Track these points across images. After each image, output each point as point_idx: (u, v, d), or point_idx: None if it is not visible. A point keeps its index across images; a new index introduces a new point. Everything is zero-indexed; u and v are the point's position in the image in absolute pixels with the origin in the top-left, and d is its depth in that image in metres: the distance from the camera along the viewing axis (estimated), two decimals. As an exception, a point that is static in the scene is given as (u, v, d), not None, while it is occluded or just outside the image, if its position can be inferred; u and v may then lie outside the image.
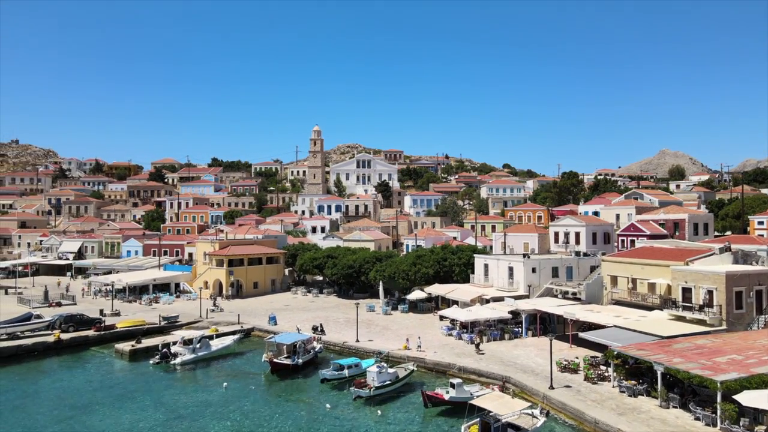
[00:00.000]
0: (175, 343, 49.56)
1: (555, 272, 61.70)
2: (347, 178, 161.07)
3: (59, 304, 72.11)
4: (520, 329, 53.42)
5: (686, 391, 33.64)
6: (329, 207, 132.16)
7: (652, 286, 49.94)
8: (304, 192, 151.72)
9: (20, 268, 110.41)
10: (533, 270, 60.82)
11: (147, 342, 52.40)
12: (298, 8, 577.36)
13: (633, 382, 35.89)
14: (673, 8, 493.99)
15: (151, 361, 47.37)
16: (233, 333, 55.55)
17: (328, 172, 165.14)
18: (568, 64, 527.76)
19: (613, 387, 37.19)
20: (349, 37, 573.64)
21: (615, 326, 43.94)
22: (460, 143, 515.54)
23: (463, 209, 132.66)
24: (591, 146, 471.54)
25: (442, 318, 59.88)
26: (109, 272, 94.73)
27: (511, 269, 62.43)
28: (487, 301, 59.31)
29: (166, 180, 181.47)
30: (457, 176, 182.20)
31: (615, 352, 37.36)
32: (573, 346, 48.28)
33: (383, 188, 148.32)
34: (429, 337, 53.33)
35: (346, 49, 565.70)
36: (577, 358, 43.03)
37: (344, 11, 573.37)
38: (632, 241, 72.14)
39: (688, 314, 43.62)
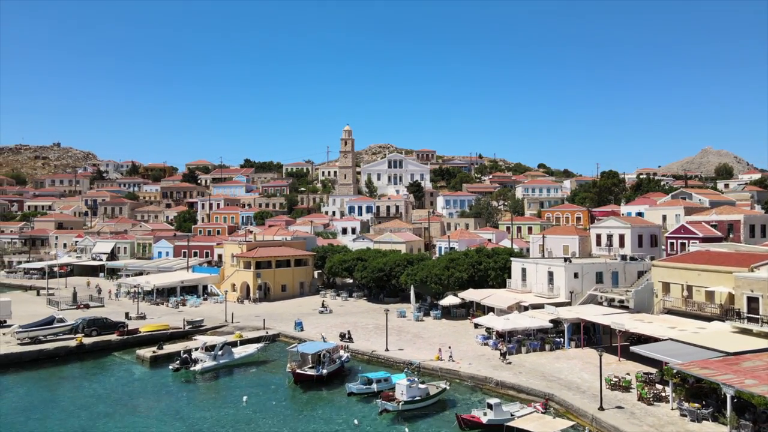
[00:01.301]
0: (196, 349, 47.55)
1: (599, 278, 57.44)
2: (378, 179, 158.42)
3: (87, 306, 71.50)
4: (561, 339, 49.54)
5: (760, 417, 29.48)
6: (360, 208, 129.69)
7: (710, 295, 45.42)
8: (335, 192, 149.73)
9: (56, 269, 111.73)
10: (575, 275, 56.74)
11: (169, 348, 50.64)
12: (332, 9, 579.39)
13: (696, 405, 31.81)
14: (709, 7, 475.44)
15: (170, 367, 45.48)
16: (257, 339, 53.36)
17: (359, 173, 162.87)
18: (603, 65, 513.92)
19: (673, 410, 33.18)
20: (382, 38, 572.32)
21: (671, 339, 39.75)
22: (494, 143, 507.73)
23: (498, 210, 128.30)
24: (628, 145, 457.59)
25: (476, 326, 56.48)
26: (140, 273, 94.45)
27: (551, 274, 58.49)
28: (525, 308, 55.53)
29: (199, 181, 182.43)
30: (491, 176, 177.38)
31: (674, 370, 33.33)
32: (621, 359, 44.20)
33: (415, 188, 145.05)
34: (463, 347, 50.02)
35: (379, 50, 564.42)
36: (628, 374, 39.01)
37: (378, 12, 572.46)
38: (682, 244, 67.11)
39: (755, 327, 39.09)
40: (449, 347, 46.88)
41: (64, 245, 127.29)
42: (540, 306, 54.81)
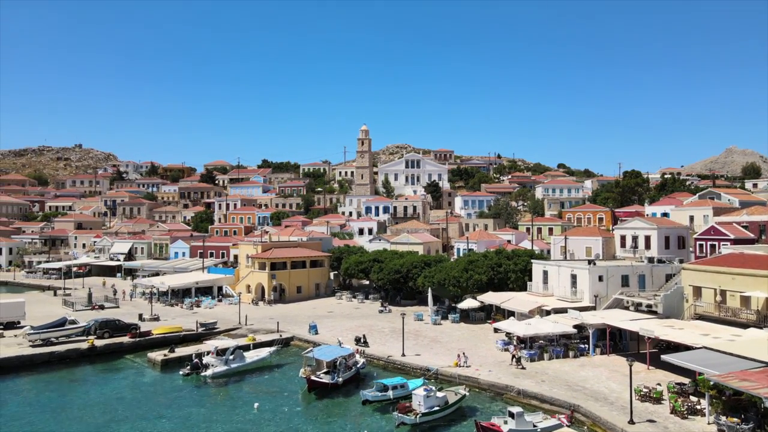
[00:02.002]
0: (207, 353, 46.42)
1: (625, 281, 55.10)
2: (395, 179, 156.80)
3: (102, 307, 71.08)
4: (586, 346, 47.36)
5: (807, 435, 27.23)
6: (377, 208, 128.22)
7: (745, 300, 42.97)
8: (352, 193, 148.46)
9: (74, 269, 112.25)
10: (600, 278, 54.46)
11: (180, 351, 49.62)
12: (351, 9, 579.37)
13: (735, 419, 29.57)
14: (731, 7, 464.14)
15: (180, 372, 44.38)
16: (270, 343, 52.07)
17: (376, 173, 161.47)
18: (623, 64, 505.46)
19: (709, 424, 30.97)
20: (400, 39, 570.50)
21: (704, 347, 37.46)
22: (513, 143, 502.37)
23: (517, 211, 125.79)
24: (650, 145, 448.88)
25: (496, 330, 54.52)
26: (156, 274, 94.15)
27: (574, 277, 56.29)
28: (548, 313, 53.45)
29: (216, 182, 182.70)
30: (510, 176, 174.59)
31: (711, 382, 31.14)
32: (651, 368, 41.94)
33: (433, 189, 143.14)
34: (482, 352, 48.16)
35: (397, 50, 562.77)
36: (659, 385, 36.78)
37: (396, 12, 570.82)
38: (712, 246, 64.39)
39: (796, 335, 36.66)
40: (464, 353, 44.85)
41: (83, 245, 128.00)
42: (563, 310, 52.68)
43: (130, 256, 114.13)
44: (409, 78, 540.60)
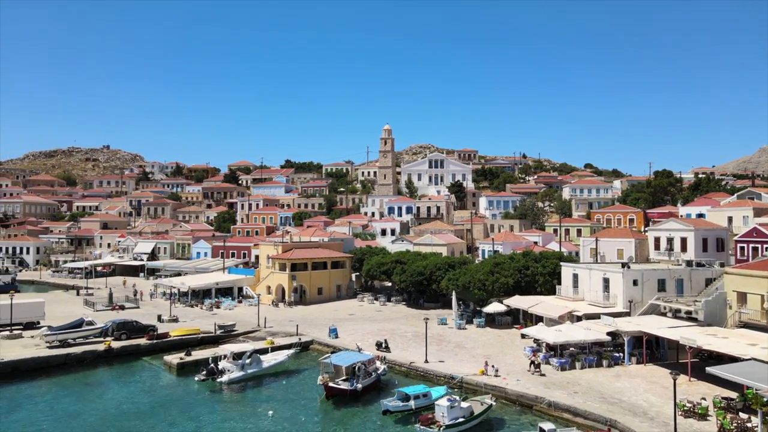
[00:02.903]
0: (222, 358, 45.04)
1: (661, 285, 52.09)
2: (419, 179, 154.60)
3: (122, 308, 70.62)
4: (620, 354, 44.65)
5: None
6: (399, 208, 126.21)
7: (797, 308, 39.78)
8: (374, 193, 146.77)
9: (99, 268, 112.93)
10: (634, 282, 51.56)
11: (197, 354, 48.38)
12: (373, 9, 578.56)
13: (793, 441, 26.84)
14: (761, 5, 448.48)
15: (196, 378, 43.05)
16: (289, 347, 50.50)
17: (399, 173, 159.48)
18: (652, 66, 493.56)
19: (763, 445, 28.28)
20: (423, 39, 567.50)
21: (753, 359, 34.57)
22: (538, 143, 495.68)
23: (544, 211, 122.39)
24: (679, 145, 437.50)
25: (524, 336, 52.10)
26: (178, 274, 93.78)
27: (606, 281, 53.48)
28: (579, 319, 50.77)
29: (239, 182, 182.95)
30: (535, 176, 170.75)
31: (765, 398, 28.40)
32: (692, 379, 39.09)
33: (456, 189, 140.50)
34: (509, 360, 45.80)
35: (421, 51, 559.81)
36: (704, 399, 34.03)
37: (420, 13, 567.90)
38: (755, 249, 60.71)
39: None
40: (492, 366, 42.58)
41: (108, 245, 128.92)
42: (595, 316, 49.95)
43: (153, 255, 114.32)
44: (433, 78, 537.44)
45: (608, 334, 45.05)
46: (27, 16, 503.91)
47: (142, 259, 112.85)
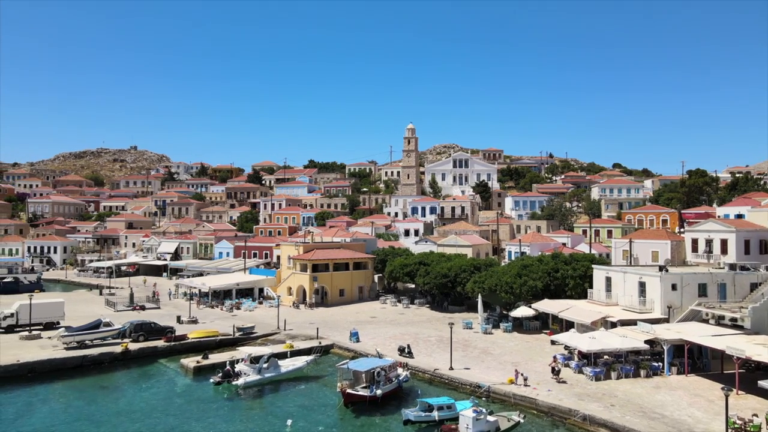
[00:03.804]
0: (239, 361, 43.62)
1: (702, 290, 48.89)
2: (443, 179, 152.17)
3: (143, 308, 70.06)
4: (659, 364, 41.85)
5: None
6: (423, 209, 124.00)
7: None
8: (398, 193, 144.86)
9: (124, 268, 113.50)
10: (673, 287, 48.50)
11: (214, 357, 47.11)
12: (396, 9, 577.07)
13: None
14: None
15: (211, 380, 41.70)
16: (309, 351, 48.85)
17: (422, 173, 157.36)
18: (681, 65, 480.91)
19: (828, 471, 25.48)
20: (447, 39, 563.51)
21: (811, 373, 31.62)
22: (564, 143, 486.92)
23: (572, 212, 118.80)
24: (711, 144, 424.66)
25: (553, 342, 49.55)
26: (200, 274, 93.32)
27: (642, 284, 50.53)
28: (613, 325, 47.99)
29: (263, 182, 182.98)
30: (563, 176, 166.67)
31: (829, 420, 25.59)
32: (740, 393, 36.17)
33: (481, 189, 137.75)
34: (539, 368, 43.34)
35: (444, 50, 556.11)
36: (755, 415, 31.20)
37: (443, 12, 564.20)
38: (802, 252, 57.04)
39: None
40: (522, 375, 40.19)
41: (133, 245, 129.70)
42: (631, 322, 47.11)
43: (176, 255, 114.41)
44: (457, 78, 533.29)
45: (646, 342, 42.26)
46: (58, 19, 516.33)
47: (165, 259, 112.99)
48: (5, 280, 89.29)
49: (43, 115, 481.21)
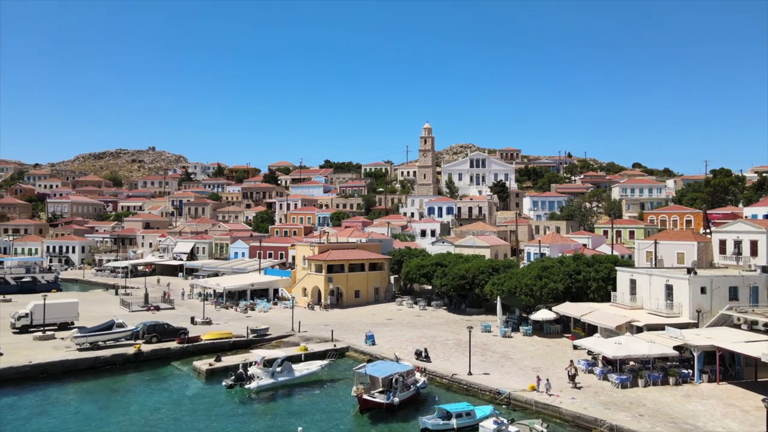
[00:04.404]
0: (251, 364, 42.64)
1: (733, 293, 46.82)
2: (460, 179, 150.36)
3: (157, 308, 69.70)
4: (689, 371, 39.97)
5: None
6: (440, 209, 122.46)
7: None
8: (414, 193, 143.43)
9: (140, 268, 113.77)
10: (702, 290, 46.51)
11: (227, 360, 46.21)
12: (411, 9, 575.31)
13: None
14: None
15: (223, 383, 40.76)
16: (323, 354, 47.71)
17: (439, 173, 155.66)
18: (703, 64, 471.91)
19: None
20: (463, 39, 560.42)
21: None
22: (583, 143, 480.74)
23: (592, 212, 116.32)
24: (732, 143, 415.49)
25: (576, 347, 47.85)
26: (215, 274, 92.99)
27: (669, 287, 48.58)
28: (639, 330, 46.14)
29: (279, 182, 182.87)
30: (582, 176, 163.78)
31: None
32: (777, 403, 34.15)
33: (499, 189, 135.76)
34: (561, 373, 41.60)
35: (461, 51, 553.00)
36: (796, 428, 29.32)
37: (459, 12, 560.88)
38: (838, 254, 54.51)
39: None
40: (546, 379, 38.66)
41: (150, 244, 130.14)
42: (658, 327, 45.23)
43: (192, 255, 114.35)
44: (473, 78, 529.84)
45: (675, 348, 40.40)
46: (79, 22, 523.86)
47: (181, 259, 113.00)
48: (23, 279, 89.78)
49: (63, 116, 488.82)
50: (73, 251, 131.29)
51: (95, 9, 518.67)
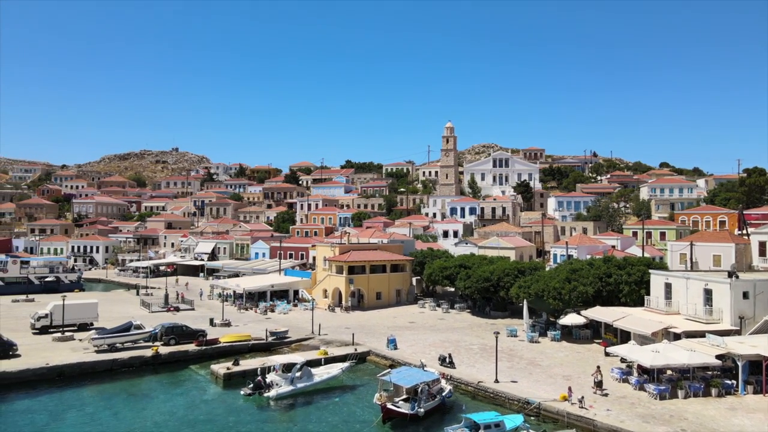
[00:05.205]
0: (272, 369, 41.35)
1: (777, 299, 44.03)
2: (482, 179, 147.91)
3: (177, 309, 69.16)
4: (732, 382, 37.47)
5: None
6: (462, 209, 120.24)
7: None
8: (436, 193, 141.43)
9: (162, 268, 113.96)
10: (745, 295, 43.84)
11: (246, 364, 45.02)
12: (436, 8, 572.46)
13: None
14: None
15: (242, 392, 39.49)
16: (344, 358, 46.24)
17: (461, 173, 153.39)
18: (729, 64, 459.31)
19: None
20: (487, 39, 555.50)
21: None
22: (609, 142, 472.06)
23: (621, 212, 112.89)
24: (762, 142, 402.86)
25: (608, 354, 45.56)
26: (236, 274, 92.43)
27: (708, 292, 45.97)
28: (677, 336, 43.66)
29: (300, 182, 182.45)
30: (608, 176, 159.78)
31: None
32: (833, 419, 31.64)
33: (523, 189, 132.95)
34: (592, 382, 39.41)
35: (484, 50, 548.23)
36: None
37: (482, 11, 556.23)
38: None
39: None
40: (570, 387, 36.58)
41: (172, 245, 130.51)
42: (697, 334, 42.70)
43: (213, 255, 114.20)
44: (496, 77, 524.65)
45: (717, 357, 37.94)
46: (107, 24, 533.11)
47: (202, 259, 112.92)
48: (47, 279, 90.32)
49: (90, 118, 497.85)
50: (97, 251, 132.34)
51: (123, 10, 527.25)
